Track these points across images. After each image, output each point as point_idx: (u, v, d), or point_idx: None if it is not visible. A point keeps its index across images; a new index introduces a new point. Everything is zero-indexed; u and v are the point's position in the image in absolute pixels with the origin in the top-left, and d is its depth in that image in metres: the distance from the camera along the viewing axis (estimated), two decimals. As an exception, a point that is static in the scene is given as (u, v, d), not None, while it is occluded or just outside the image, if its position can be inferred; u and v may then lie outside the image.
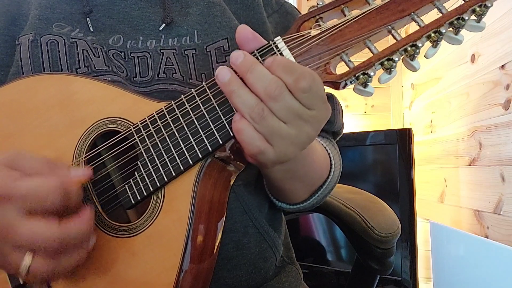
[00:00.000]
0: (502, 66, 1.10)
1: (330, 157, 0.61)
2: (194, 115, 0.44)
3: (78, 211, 0.41)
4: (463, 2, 0.41)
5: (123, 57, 0.57)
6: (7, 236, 0.38)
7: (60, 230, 0.38)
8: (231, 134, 0.43)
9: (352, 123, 1.88)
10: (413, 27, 0.42)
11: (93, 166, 0.47)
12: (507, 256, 0.95)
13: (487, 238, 1.15)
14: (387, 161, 1.43)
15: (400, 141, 1.39)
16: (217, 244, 0.46)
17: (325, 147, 0.61)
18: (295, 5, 1.87)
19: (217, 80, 0.42)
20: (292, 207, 0.61)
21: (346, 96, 1.89)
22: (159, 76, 0.56)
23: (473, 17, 0.41)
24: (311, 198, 0.59)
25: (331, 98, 0.66)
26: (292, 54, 0.43)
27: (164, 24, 0.59)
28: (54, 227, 0.38)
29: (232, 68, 0.42)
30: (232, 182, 0.49)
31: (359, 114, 1.90)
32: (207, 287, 0.46)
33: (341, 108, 0.69)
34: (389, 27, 0.42)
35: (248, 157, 0.44)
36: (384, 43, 0.43)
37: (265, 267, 0.59)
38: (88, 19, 0.58)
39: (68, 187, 0.40)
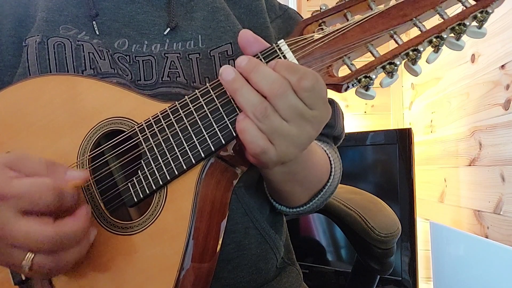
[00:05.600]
0: (502, 66, 1.11)
1: (330, 161, 0.61)
2: (197, 115, 0.44)
3: (74, 211, 0.41)
4: (464, 8, 0.41)
5: (128, 61, 0.57)
6: (3, 235, 0.38)
7: (54, 229, 0.39)
8: (234, 134, 0.43)
9: (352, 123, 1.88)
10: (415, 33, 0.43)
11: (96, 165, 0.47)
12: (507, 256, 0.95)
13: (487, 238, 1.15)
14: (387, 161, 1.43)
15: (400, 141, 1.39)
16: (219, 244, 0.46)
17: (325, 151, 0.61)
18: (296, 6, 1.87)
19: (220, 79, 0.42)
20: (292, 211, 0.61)
21: (346, 96, 1.88)
22: (163, 79, 0.57)
23: (474, 23, 0.42)
24: (311, 202, 0.59)
25: (332, 103, 0.66)
26: (295, 56, 0.43)
27: (169, 29, 0.59)
28: (48, 227, 0.38)
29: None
30: (234, 184, 0.49)
31: (359, 114, 1.90)
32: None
33: (342, 113, 0.69)
34: (391, 31, 0.42)
35: (250, 157, 0.44)
36: (387, 48, 0.43)
37: (266, 268, 0.59)
38: (94, 22, 0.58)
39: (62, 189, 0.40)
